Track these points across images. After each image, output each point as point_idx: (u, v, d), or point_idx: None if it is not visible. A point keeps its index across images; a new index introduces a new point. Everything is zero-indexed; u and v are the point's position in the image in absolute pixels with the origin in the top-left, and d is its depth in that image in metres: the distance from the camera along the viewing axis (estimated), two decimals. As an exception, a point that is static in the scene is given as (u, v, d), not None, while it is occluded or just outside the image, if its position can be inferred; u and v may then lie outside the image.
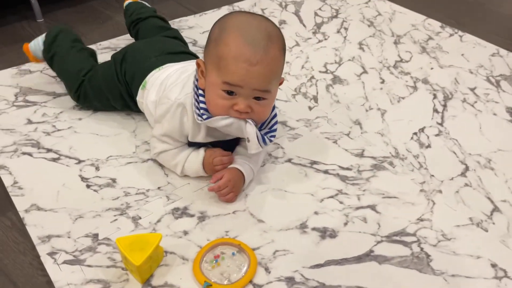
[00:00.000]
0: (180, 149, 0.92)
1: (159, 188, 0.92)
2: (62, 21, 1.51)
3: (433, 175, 0.95)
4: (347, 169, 0.97)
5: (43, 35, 1.15)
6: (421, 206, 0.89)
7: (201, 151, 0.91)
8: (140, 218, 0.86)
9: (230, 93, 0.80)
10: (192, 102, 0.85)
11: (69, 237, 0.82)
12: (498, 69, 1.28)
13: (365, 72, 1.26)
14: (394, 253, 0.81)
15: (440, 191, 0.92)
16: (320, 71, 1.26)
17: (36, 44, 1.16)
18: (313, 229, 0.84)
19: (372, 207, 0.89)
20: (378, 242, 0.82)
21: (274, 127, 0.88)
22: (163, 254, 0.79)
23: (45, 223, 0.84)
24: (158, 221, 0.85)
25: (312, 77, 1.24)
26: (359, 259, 0.80)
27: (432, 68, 1.27)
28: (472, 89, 1.20)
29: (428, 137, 1.05)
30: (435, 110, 1.13)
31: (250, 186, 0.92)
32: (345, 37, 1.42)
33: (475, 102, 1.16)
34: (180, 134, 0.89)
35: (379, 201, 0.90)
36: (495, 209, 0.89)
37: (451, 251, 0.81)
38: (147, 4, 1.35)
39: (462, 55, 1.34)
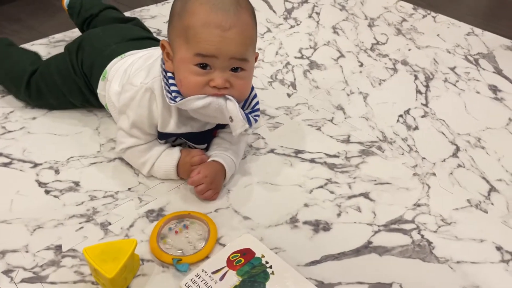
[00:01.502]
0: (150, 144, 0.82)
1: (129, 189, 0.82)
2: (9, 15, 1.37)
3: (424, 158, 0.90)
4: (334, 156, 0.90)
5: None
6: (416, 191, 0.83)
7: (176, 150, 0.81)
8: (110, 224, 0.76)
9: (204, 67, 0.70)
10: (161, 86, 0.76)
11: (27, 251, 0.70)
12: (475, 47, 1.25)
13: (342, 56, 1.20)
14: (394, 242, 0.74)
15: (434, 174, 0.87)
16: (295, 57, 1.19)
17: None
18: (305, 222, 0.77)
19: (365, 195, 0.82)
20: (376, 232, 0.76)
21: (257, 106, 0.80)
22: (139, 262, 0.70)
23: (-2, 237, 0.73)
24: (131, 226, 0.75)
25: (288, 63, 1.16)
26: (357, 252, 0.73)
27: (409, 50, 1.23)
28: (452, 69, 1.16)
29: (414, 119, 1.00)
30: (418, 91, 1.08)
31: (231, 180, 0.84)
32: (317, 21, 1.35)
33: (457, 81, 1.12)
34: (149, 125, 0.79)
35: (371, 188, 0.83)
36: (492, 189, 0.84)
37: (453, 236, 0.75)
38: None
39: (438, 35, 1.31)
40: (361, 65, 1.17)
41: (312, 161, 0.89)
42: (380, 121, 0.99)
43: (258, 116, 0.79)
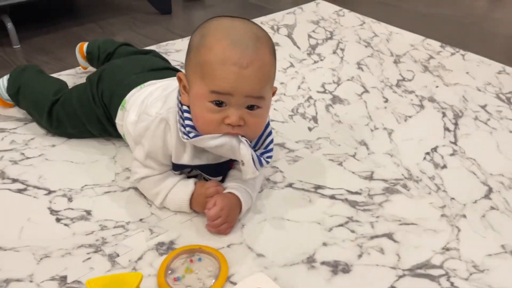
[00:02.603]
0: (164, 175, 0.80)
1: (141, 220, 0.79)
2: (40, 47, 1.42)
3: (453, 198, 0.84)
4: (356, 193, 0.85)
5: (7, 76, 1.06)
6: (444, 233, 0.77)
7: (190, 182, 0.79)
8: (118, 255, 0.73)
9: (219, 104, 0.69)
10: (175, 118, 0.74)
11: (31, 281, 0.68)
12: (507, 86, 1.20)
13: (366, 91, 1.17)
14: (420, 289, 0.68)
15: (464, 216, 0.81)
16: (318, 91, 1.17)
17: (0, 85, 1.05)
18: (323, 263, 0.72)
19: (389, 236, 0.77)
20: (400, 277, 0.70)
21: (270, 146, 0.77)
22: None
23: (4, 265, 0.70)
24: (140, 258, 0.72)
25: (310, 97, 1.14)
26: (379, 297, 0.67)
27: (437, 87, 1.19)
28: (483, 107, 1.11)
29: (442, 157, 0.95)
30: (446, 129, 1.03)
31: (246, 215, 0.80)
32: (341, 57, 1.34)
33: (488, 119, 1.07)
34: (164, 155, 0.77)
35: (396, 229, 0.78)
36: (529, 234, 0.78)
37: (486, 285, 0.68)
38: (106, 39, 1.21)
39: (467, 73, 1.27)
40: (386, 100, 1.13)
41: (332, 197, 0.84)
42: (405, 158, 0.94)
43: (270, 157, 0.76)
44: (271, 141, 0.78)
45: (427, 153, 0.96)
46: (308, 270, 0.71)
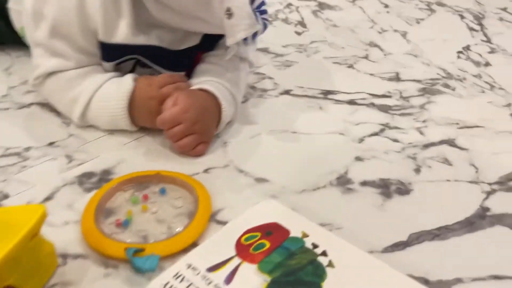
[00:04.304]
0: (86, 70, 0.48)
1: (51, 144, 0.47)
2: None
3: (517, 95, 0.60)
4: (384, 96, 0.59)
5: None
6: (525, 134, 0.53)
7: (128, 78, 0.47)
8: (8, 196, 0.40)
9: None
10: None
11: None
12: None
13: (359, -2, 0.91)
14: (527, 207, 0.43)
15: (542, 113, 0.57)
16: (298, -1, 0.89)
17: None
18: (364, 184, 0.44)
19: (451, 143, 0.51)
20: (489, 193, 0.44)
21: (263, 7, 0.49)
22: (56, 259, 0.34)
23: None
24: (48, 198, 0.40)
25: (289, 4, 0.86)
26: (470, 224, 0.40)
27: (442, -7, 0.96)
28: (504, 9, 0.89)
29: (480, 55, 0.71)
30: (471, 29, 0.80)
31: (228, 129, 0.50)
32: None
33: (516, 20, 0.85)
34: (82, 29, 0.46)
35: (456, 133, 0.52)
36: None
37: None
38: None
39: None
40: (386, 6, 0.88)
41: (352, 102, 0.57)
42: (435, 58, 0.68)
43: (267, 20, 0.48)
44: (263, 2, 0.49)
45: (460, 52, 0.71)
46: (343, 194, 0.43)
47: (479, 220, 0.41)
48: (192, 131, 0.45)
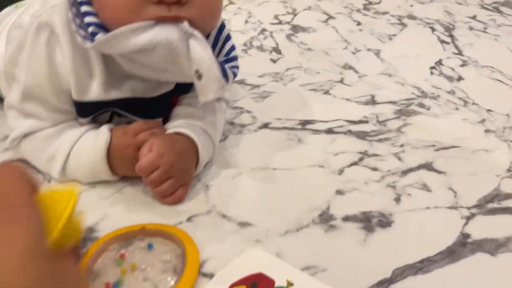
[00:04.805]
0: (61, 127, 0.48)
1: (33, 204, 0.47)
2: None
3: (490, 110, 0.61)
4: (361, 122, 0.60)
5: None
6: (500, 151, 0.54)
7: (104, 129, 0.48)
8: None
9: None
10: (65, 19, 0.44)
11: None
12: (488, -2, 1.02)
13: (331, 17, 0.92)
14: (506, 230, 0.43)
15: (515, 127, 0.58)
16: (271, 23, 0.90)
17: None
18: (346, 219, 0.44)
19: (428, 166, 0.51)
20: (469, 218, 0.45)
21: (233, 53, 0.50)
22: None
23: None
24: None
25: (264, 29, 0.87)
26: (451, 254, 0.41)
27: (412, 5, 0.97)
28: (473, 18, 0.91)
29: (453, 69, 0.72)
30: (443, 41, 0.81)
31: (209, 171, 0.51)
32: (290, -9, 1.09)
33: (485, 28, 0.86)
34: (54, 90, 0.46)
35: (433, 156, 0.53)
36: None
37: None
38: None
39: (440, -10, 1.07)
40: (359, 23, 0.89)
41: (329, 131, 0.58)
42: (409, 76, 0.70)
43: (237, 68, 0.48)
44: (233, 47, 0.50)
45: (433, 68, 0.73)
46: (326, 233, 0.43)
47: (460, 248, 0.41)
48: (170, 174, 0.45)
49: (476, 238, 0.42)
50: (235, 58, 0.49)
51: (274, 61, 0.76)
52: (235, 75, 0.47)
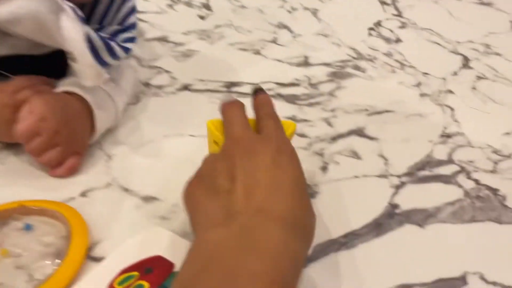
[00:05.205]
0: None
1: None
2: None
3: (427, 73, 0.58)
4: (292, 84, 0.54)
5: None
6: (435, 116, 0.51)
7: None
8: None
9: None
10: None
11: None
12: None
13: (269, -26, 0.86)
14: (436, 199, 0.40)
15: (451, 91, 0.55)
16: (203, -22, 0.82)
17: None
18: (267, 190, 0.40)
19: (359, 132, 0.48)
20: (399, 187, 0.41)
21: (130, 19, 0.43)
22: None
23: None
24: None
25: (194, -16, 0.79)
26: (378, 227, 0.37)
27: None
28: (414, -20, 0.88)
29: (391, 31, 0.68)
30: (383, 2, 0.77)
31: (111, 137, 0.44)
32: None
33: (426, -10, 0.83)
34: None
35: (365, 121, 0.49)
36: (540, 100, 0.54)
37: (523, 175, 0.44)
38: None
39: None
40: (298, -19, 0.83)
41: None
42: (346, 37, 0.65)
43: (133, 40, 0.44)
44: (131, 11, 0.43)
45: (371, 29, 0.68)
46: (243, 206, 0.38)
47: (388, 220, 0.38)
48: (55, 141, 0.38)
49: (405, 209, 0.39)
50: (131, 27, 0.43)
51: (202, 17, 0.69)
52: (126, 50, 0.41)
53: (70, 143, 0.38)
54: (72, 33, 0.36)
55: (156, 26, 0.65)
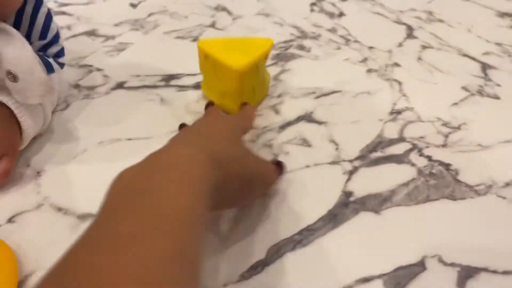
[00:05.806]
0: None
1: None
2: None
3: (372, 47, 0.57)
4: (235, 72, 0.52)
5: None
6: (383, 92, 0.49)
7: None
8: None
9: None
10: None
11: None
12: None
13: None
14: (390, 181, 0.39)
15: (397, 64, 0.54)
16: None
17: None
18: (215, 192, 0.38)
19: (307, 117, 0.45)
20: (351, 173, 0.40)
21: (50, 32, 0.41)
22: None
23: None
24: None
25: (123, -32, 0.74)
26: (333, 217, 0.36)
27: None
28: None
29: (334, 5, 0.66)
30: (324, -25, 0.75)
31: (40, 152, 0.40)
32: None
33: (366, -41, 0.81)
34: None
35: (312, 105, 0.47)
36: (484, 66, 0.54)
37: (475, 145, 0.43)
38: None
39: None
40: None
41: (198, 87, 0.49)
42: (287, 15, 0.63)
43: (62, 52, 0.44)
44: (47, 21, 0.40)
45: (313, 4, 0.66)
46: (191, 213, 0.36)
47: (343, 209, 0.36)
48: None
49: (359, 196, 0.38)
50: (56, 40, 0.40)
51: (134, 5, 0.64)
52: (62, 66, 0.41)
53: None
54: (15, 51, 0.33)
55: (83, 19, 0.60)
